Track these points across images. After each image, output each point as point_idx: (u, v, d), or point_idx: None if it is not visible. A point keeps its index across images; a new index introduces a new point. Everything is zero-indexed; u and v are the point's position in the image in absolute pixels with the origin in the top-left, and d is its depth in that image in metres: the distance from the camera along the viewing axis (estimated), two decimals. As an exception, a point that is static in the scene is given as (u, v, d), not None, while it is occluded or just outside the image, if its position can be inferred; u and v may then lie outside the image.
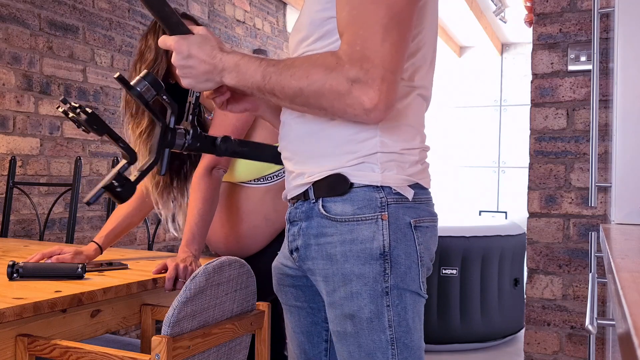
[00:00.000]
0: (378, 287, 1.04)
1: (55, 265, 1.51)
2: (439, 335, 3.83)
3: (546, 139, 2.38)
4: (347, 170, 1.05)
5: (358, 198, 1.05)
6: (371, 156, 1.05)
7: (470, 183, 6.36)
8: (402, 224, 1.06)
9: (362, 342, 1.06)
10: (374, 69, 0.93)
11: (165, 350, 1.12)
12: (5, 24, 2.68)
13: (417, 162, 1.09)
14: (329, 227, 1.07)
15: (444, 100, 6.51)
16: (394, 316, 1.05)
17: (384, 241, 1.04)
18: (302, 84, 0.96)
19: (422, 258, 1.08)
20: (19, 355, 1.22)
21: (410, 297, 1.06)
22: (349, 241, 1.05)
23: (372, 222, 1.04)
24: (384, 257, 1.04)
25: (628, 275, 0.74)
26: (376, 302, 1.04)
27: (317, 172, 1.07)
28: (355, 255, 1.04)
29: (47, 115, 2.87)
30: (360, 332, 1.06)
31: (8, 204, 2.62)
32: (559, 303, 2.35)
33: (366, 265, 1.04)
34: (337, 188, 1.06)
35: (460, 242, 3.85)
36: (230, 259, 1.26)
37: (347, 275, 1.05)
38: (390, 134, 1.05)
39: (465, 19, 5.21)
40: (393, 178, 1.06)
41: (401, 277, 1.05)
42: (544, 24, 2.40)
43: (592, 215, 2.30)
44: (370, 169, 1.05)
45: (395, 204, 1.06)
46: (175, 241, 3.62)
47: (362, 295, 1.05)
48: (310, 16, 1.08)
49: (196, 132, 1.13)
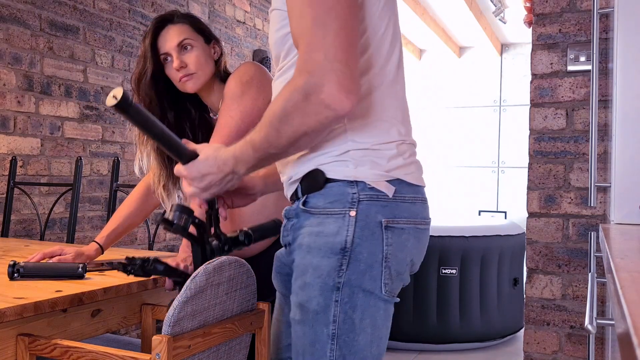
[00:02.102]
0: (330, 281, 1.05)
1: (55, 265, 1.51)
2: (438, 334, 3.83)
3: (545, 139, 2.39)
4: (324, 166, 1.08)
5: (332, 192, 1.07)
6: (345, 154, 1.06)
7: (470, 183, 6.36)
8: (372, 222, 1.05)
9: (306, 331, 1.08)
10: (319, 67, 0.95)
11: (166, 349, 1.12)
12: (6, 25, 2.68)
13: (395, 156, 1.08)
14: (305, 219, 1.10)
15: (444, 100, 6.51)
16: (340, 312, 1.05)
17: (347, 237, 1.04)
18: (280, 124, 1.00)
19: (387, 259, 1.06)
20: (20, 355, 1.22)
21: (363, 297, 1.06)
22: (315, 233, 1.07)
23: (340, 217, 1.05)
24: (343, 253, 1.04)
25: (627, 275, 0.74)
26: (325, 295, 1.05)
27: (301, 171, 1.11)
28: (317, 247, 1.06)
29: (48, 115, 2.88)
30: (306, 321, 1.07)
31: (9, 204, 2.62)
32: (559, 303, 2.35)
33: (324, 258, 1.05)
34: (315, 183, 1.08)
35: (459, 242, 3.85)
36: (231, 258, 1.26)
37: (306, 265, 1.07)
38: (360, 132, 1.06)
39: (465, 20, 5.21)
40: (367, 173, 1.06)
41: (357, 275, 1.05)
42: (543, 24, 2.40)
43: (591, 215, 2.31)
44: (344, 165, 1.07)
45: (368, 201, 1.06)
46: (176, 241, 3.63)
47: (313, 286, 1.06)
48: (273, 37, 1.13)
49: (224, 238, 1.27)
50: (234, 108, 1.62)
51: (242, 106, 1.62)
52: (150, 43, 1.68)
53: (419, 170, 1.13)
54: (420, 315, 3.83)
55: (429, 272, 3.82)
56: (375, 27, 1.08)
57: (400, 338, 3.83)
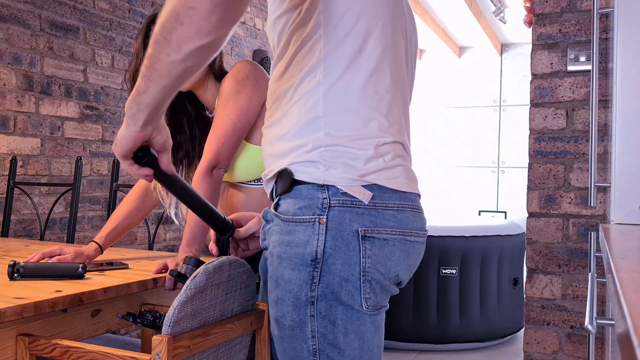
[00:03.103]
0: (302, 295, 0.98)
1: (55, 265, 1.51)
2: (438, 335, 3.83)
3: (545, 139, 2.39)
4: (294, 166, 1.01)
5: (301, 196, 0.99)
6: (316, 151, 0.99)
7: (470, 183, 6.36)
8: (346, 231, 0.96)
9: (286, 347, 1.03)
10: None
11: (166, 349, 1.12)
12: (6, 25, 2.68)
13: (373, 158, 0.99)
14: (276, 225, 1.04)
15: (444, 100, 6.51)
16: (318, 327, 0.98)
17: (318, 247, 0.96)
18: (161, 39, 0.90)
19: (366, 273, 0.97)
20: (20, 355, 1.22)
21: (343, 311, 0.98)
22: (286, 243, 1.00)
23: (309, 225, 0.97)
24: (314, 265, 0.97)
25: (627, 275, 0.74)
26: (299, 311, 0.99)
27: (274, 169, 1.05)
28: (288, 258, 0.99)
29: (48, 115, 2.88)
30: (284, 337, 1.02)
31: (9, 204, 2.62)
32: (559, 303, 2.35)
33: (295, 271, 0.98)
34: (284, 184, 1.02)
35: (459, 242, 3.85)
36: (231, 258, 1.26)
37: (278, 278, 1.01)
38: (335, 121, 0.99)
39: (465, 20, 5.21)
40: (338, 177, 0.97)
41: (332, 289, 0.97)
42: (543, 24, 2.40)
43: (591, 215, 2.31)
44: (314, 166, 0.99)
45: (341, 207, 0.97)
46: (176, 241, 3.63)
47: (285, 302, 1.00)
48: (267, 23, 1.10)
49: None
50: (229, 106, 1.62)
51: (237, 104, 1.62)
52: (143, 41, 1.69)
53: (407, 177, 1.04)
54: (420, 316, 3.83)
55: (428, 272, 3.82)
56: None
57: (400, 338, 3.83)
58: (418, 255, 1.06)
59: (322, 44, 1.01)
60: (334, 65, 1.00)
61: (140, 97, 0.96)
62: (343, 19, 1.01)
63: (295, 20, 1.03)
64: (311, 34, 1.01)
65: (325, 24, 1.01)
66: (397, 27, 1.09)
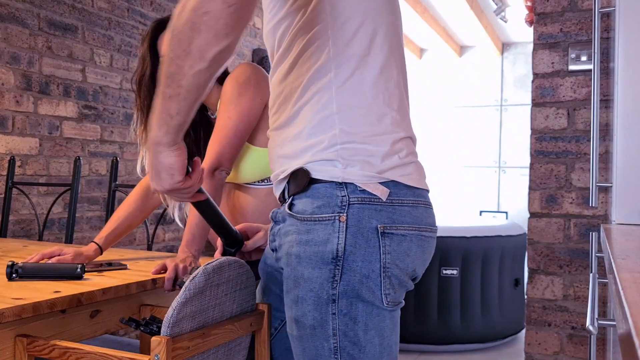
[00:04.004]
0: (324, 293, 0.98)
1: (54, 265, 1.51)
2: (439, 335, 3.83)
3: (547, 138, 2.38)
4: (310, 165, 1.01)
5: (319, 195, 1.00)
6: (332, 149, 1.00)
7: (471, 183, 6.35)
8: (366, 228, 0.98)
9: (306, 347, 1.03)
10: None
11: (165, 351, 1.11)
12: (5, 24, 2.67)
13: (389, 154, 1.01)
14: (292, 225, 1.04)
15: (445, 100, 6.50)
16: (339, 325, 0.99)
17: (339, 245, 0.97)
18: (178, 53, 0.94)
19: (387, 269, 0.99)
20: (18, 356, 1.22)
21: (364, 308, 0.99)
22: (304, 242, 1.00)
23: (329, 223, 0.98)
24: (335, 263, 0.97)
25: (629, 276, 0.74)
26: (320, 309, 0.99)
27: (288, 169, 1.05)
28: (307, 257, 1.00)
29: (46, 115, 2.87)
30: (304, 337, 1.02)
31: (7, 204, 2.61)
32: (560, 303, 2.34)
33: (315, 269, 0.98)
34: (299, 184, 1.02)
35: (460, 242, 3.84)
36: (230, 259, 1.26)
37: (297, 278, 1.01)
38: (349, 117, 1.00)
39: (466, 19, 5.20)
40: (356, 174, 0.99)
41: (354, 286, 0.98)
42: (544, 23, 2.39)
43: (592, 216, 2.30)
44: (332, 164, 1.00)
45: (360, 204, 0.98)
46: (175, 241, 3.62)
47: (306, 301, 1.00)
48: (265, 29, 1.11)
49: None
50: (231, 109, 1.62)
51: (239, 107, 1.62)
52: (149, 45, 1.71)
53: (418, 173, 1.06)
54: (421, 316, 3.82)
55: (429, 272, 3.81)
56: None
57: (401, 339, 3.81)
58: (432, 250, 1.08)
59: (331, 43, 1.02)
60: (345, 64, 1.02)
61: (173, 121, 0.97)
62: (350, 18, 1.03)
63: (299, 22, 1.04)
64: (318, 34, 1.02)
65: (333, 24, 1.02)
66: (395, 23, 1.12)
